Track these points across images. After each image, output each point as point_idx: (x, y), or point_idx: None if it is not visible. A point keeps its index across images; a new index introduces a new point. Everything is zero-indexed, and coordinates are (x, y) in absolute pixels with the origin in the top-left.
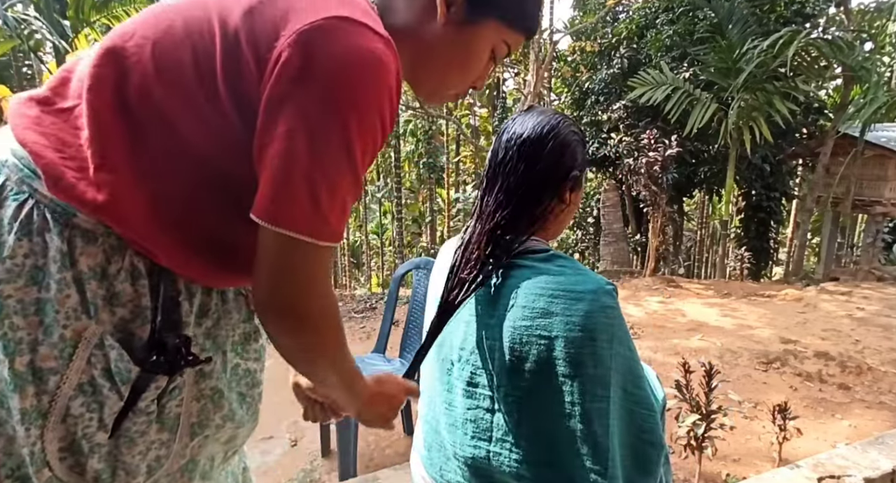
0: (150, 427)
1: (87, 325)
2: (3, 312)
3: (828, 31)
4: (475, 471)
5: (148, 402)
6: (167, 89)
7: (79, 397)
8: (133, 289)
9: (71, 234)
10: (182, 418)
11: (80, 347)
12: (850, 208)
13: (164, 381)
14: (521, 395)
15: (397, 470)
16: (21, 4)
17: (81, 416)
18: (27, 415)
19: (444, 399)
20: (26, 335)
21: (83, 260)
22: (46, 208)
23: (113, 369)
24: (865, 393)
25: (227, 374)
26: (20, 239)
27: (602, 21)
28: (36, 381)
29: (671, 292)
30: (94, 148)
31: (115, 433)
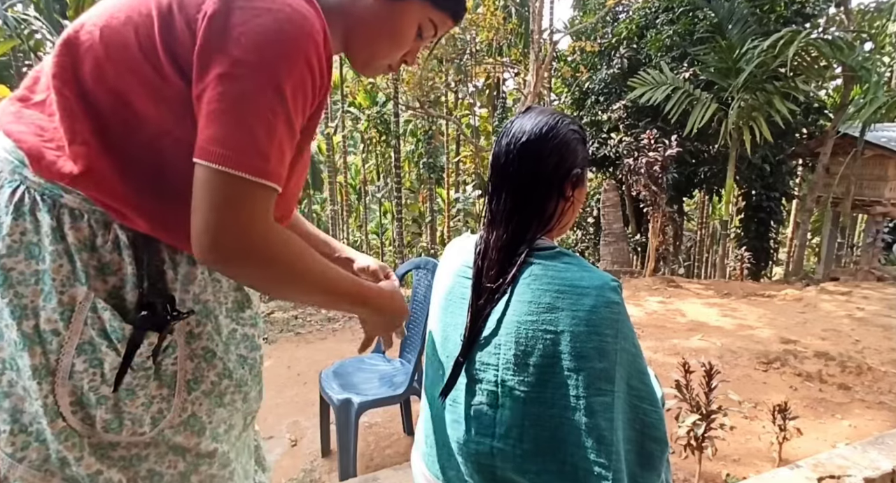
0: (149, 382)
1: (81, 290)
2: (8, 282)
3: (828, 31)
4: (478, 467)
5: (143, 359)
6: (117, 67)
7: (81, 355)
8: (119, 258)
9: (59, 212)
10: (178, 375)
11: (76, 311)
12: (850, 208)
13: (155, 337)
14: (526, 389)
15: (397, 470)
16: (21, 4)
17: (85, 372)
18: (37, 371)
19: (449, 395)
20: (30, 302)
21: (71, 234)
22: (36, 192)
23: (108, 329)
24: (865, 393)
25: (223, 338)
26: (16, 219)
27: (602, 21)
28: (41, 341)
29: (671, 292)
30: (65, 126)
31: (118, 387)
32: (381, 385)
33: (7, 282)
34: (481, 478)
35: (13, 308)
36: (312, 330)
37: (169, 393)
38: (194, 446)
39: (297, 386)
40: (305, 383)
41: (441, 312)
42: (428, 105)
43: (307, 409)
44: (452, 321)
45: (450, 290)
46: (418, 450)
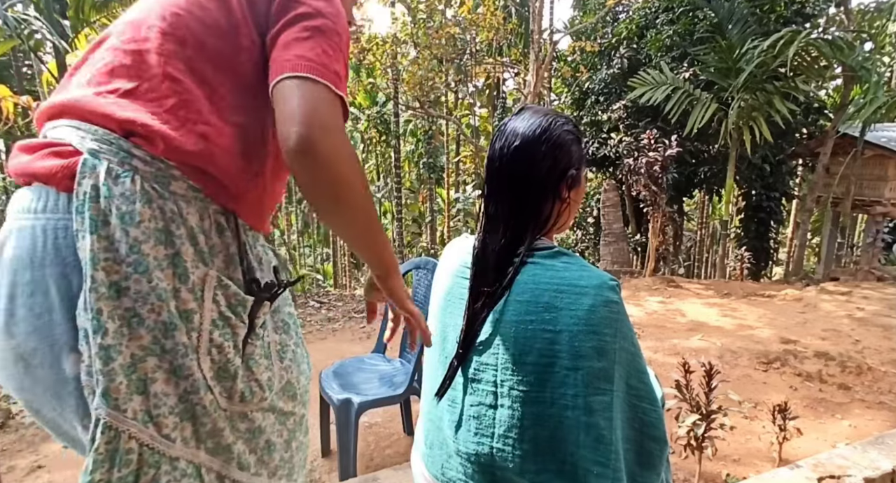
0: (256, 351)
1: (207, 270)
2: (148, 267)
3: (828, 31)
4: (478, 467)
5: (258, 328)
6: (217, 41)
7: (216, 330)
8: (221, 240)
9: (175, 198)
10: (271, 346)
11: (206, 289)
12: (850, 208)
13: (268, 307)
14: (525, 389)
15: (397, 470)
16: (21, 4)
17: (223, 345)
18: (187, 348)
19: (448, 396)
20: (167, 285)
21: (190, 218)
22: (149, 180)
23: (233, 303)
24: (865, 393)
25: (291, 310)
26: (144, 206)
27: (602, 21)
28: (184, 320)
29: (671, 292)
30: (185, 107)
31: (245, 357)
32: (381, 385)
33: (149, 267)
34: (481, 478)
35: (159, 292)
36: (312, 330)
37: (269, 362)
38: (291, 411)
39: None
40: None
41: (440, 313)
42: (428, 105)
43: None
44: (451, 321)
45: (449, 291)
46: (418, 450)
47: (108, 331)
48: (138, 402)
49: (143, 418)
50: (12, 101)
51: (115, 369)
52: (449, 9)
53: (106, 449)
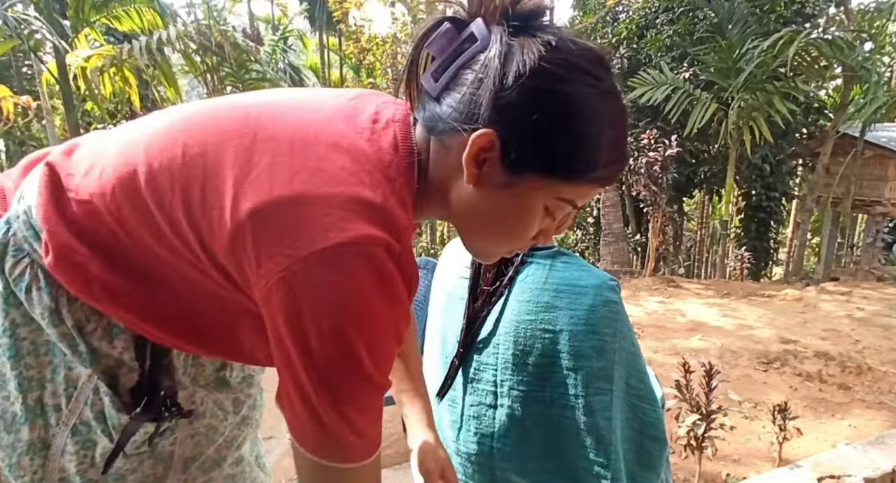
0: (141, 464)
1: (83, 372)
2: (20, 354)
3: (828, 31)
4: (478, 467)
5: (138, 445)
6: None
7: (74, 436)
8: (110, 345)
9: (57, 294)
10: (176, 455)
11: (78, 389)
12: (850, 208)
13: (151, 427)
14: (525, 389)
15: (397, 470)
16: (21, 4)
17: (77, 453)
18: (32, 446)
19: (448, 396)
20: (36, 373)
21: (69, 317)
22: (39, 268)
23: (107, 414)
24: (865, 393)
25: (222, 411)
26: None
27: (602, 21)
28: (43, 415)
29: (671, 292)
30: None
31: (107, 470)
32: None
33: (19, 352)
34: (481, 478)
35: (21, 380)
36: None
37: (164, 471)
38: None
39: None
40: None
41: (440, 313)
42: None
43: None
44: (451, 321)
45: (450, 291)
46: None
47: None
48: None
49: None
50: (12, 101)
51: None
52: (449, 8)
53: None
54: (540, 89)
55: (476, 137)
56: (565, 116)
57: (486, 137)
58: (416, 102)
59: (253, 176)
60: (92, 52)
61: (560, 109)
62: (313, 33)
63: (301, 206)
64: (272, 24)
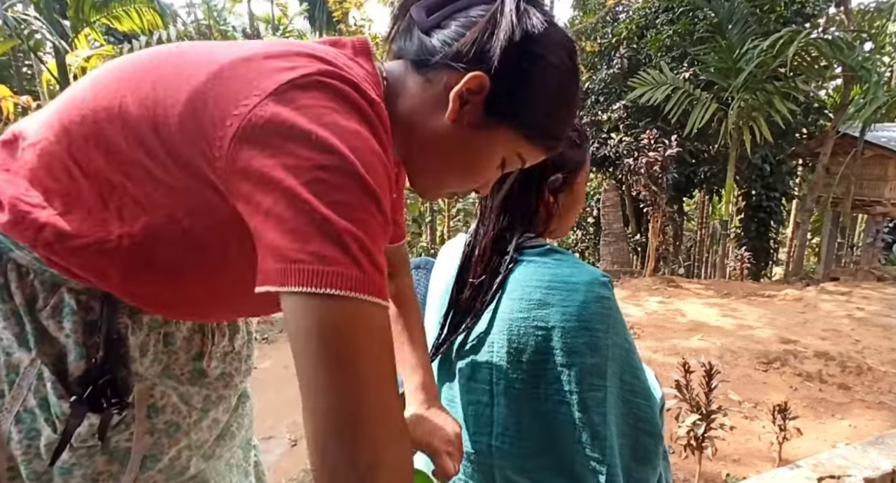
0: (92, 459)
1: (25, 356)
2: None
3: (828, 31)
4: (477, 466)
5: (84, 437)
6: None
7: (19, 424)
8: (58, 326)
9: (6, 267)
10: (133, 452)
11: (20, 375)
12: (850, 208)
13: (96, 418)
14: (520, 386)
15: None
16: (21, 4)
17: (20, 443)
18: None
19: (446, 395)
20: None
21: (18, 293)
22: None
23: (50, 401)
24: (865, 393)
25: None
26: None
27: (602, 21)
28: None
29: (671, 292)
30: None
31: (54, 463)
32: None
33: None
34: (481, 477)
35: None
36: None
37: (119, 469)
38: None
39: (297, 386)
40: None
41: (437, 312)
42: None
43: None
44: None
45: (445, 291)
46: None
47: None
48: None
49: None
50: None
51: None
52: None
53: None
54: (536, 54)
55: (471, 77)
56: (549, 83)
57: (479, 79)
58: (397, 32)
59: (204, 62)
60: (92, 52)
61: (547, 76)
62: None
63: (260, 61)
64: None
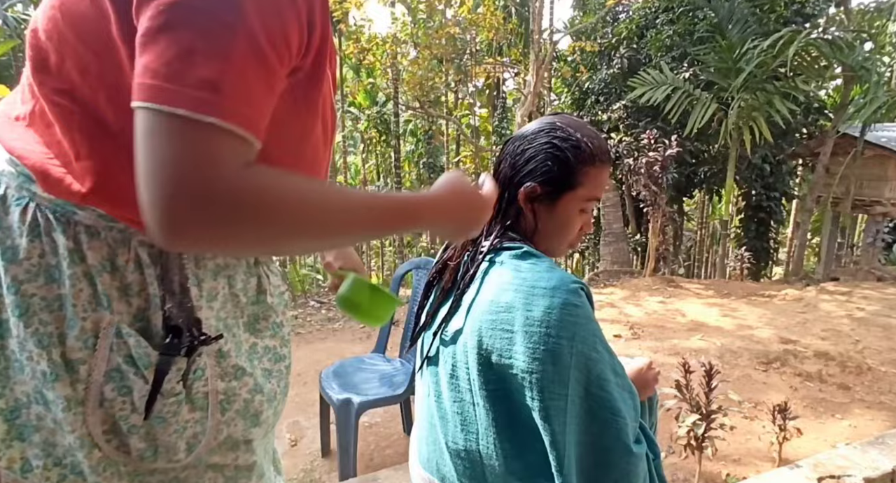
0: (181, 407)
1: (103, 316)
2: (31, 310)
3: (828, 31)
4: (469, 464)
5: (173, 385)
6: (96, 49)
7: (109, 383)
8: (141, 278)
9: (75, 231)
10: (210, 397)
11: (100, 337)
12: (850, 208)
13: (183, 362)
14: (493, 388)
15: (397, 470)
16: (21, 4)
17: (115, 401)
18: (69, 401)
19: (434, 392)
20: (54, 329)
21: (91, 255)
22: (48, 210)
23: (134, 355)
24: (865, 393)
25: (245, 353)
26: (32, 241)
27: (602, 21)
28: (69, 371)
29: (671, 292)
30: (67, 138)
31: (149, 415)
32: (381, 385)
33: (30, 309)
34: (472, 474)
35: (39, 337)
36: (312, 330)
37: (202, 415)
38: (232, 462)
39: (297, 386)
40: (305, 383)
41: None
42: (428, 105)
43: (307, 409)
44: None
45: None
46: (414, 451)
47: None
48: (17, 450)
49: (20, 469)
50: None
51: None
52: (449, 9)
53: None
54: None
55: None
56: None
57: None
58: None
59: None
60: None
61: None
62: None
63: None
64: None
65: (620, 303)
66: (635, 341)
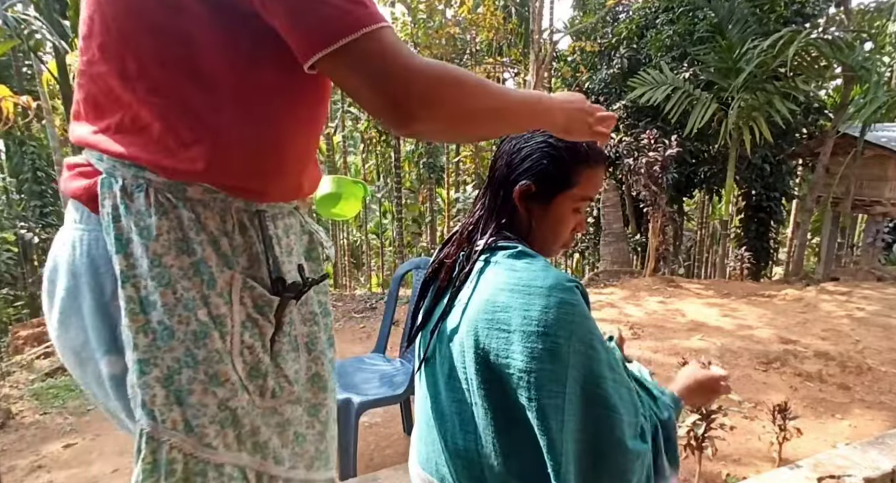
0: (288, 345)
1: (232, 273)
2: (173, 279)
3: (828, 31)
4: (467, 463)
5: (286, 326)
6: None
7: (245, 331)
8: (244, 239)
9: (192, 205)
10: (299, 339)
11: (233, 292)
12: (850, 208)
13: (294, 305)
14: (490, 387)
15: (397, 470)
16: (21, 4)
17: (253, 346)
18: (220, 353)
19: (432, 392)
20: (196, 293)
21: (209, 223)
22: (165, 191)
23: (260, 303)
24: (865, 393)
25: (315, 303)
26: (160, 219)
27: (602, 21)
28: (218, 325)
29: (671, 292)
30: (171, 134)
31: (273, 354)
32: (381, 385)
33: (171, 279)
34: (470, 473)
35: (185, 302)
36: None
37: (297, 355)
38: (321, 403)
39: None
40: None
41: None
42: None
43: None
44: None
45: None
46: (414, 450)
47: (139, 346)
48: (178, 412)
49: (184, 428)
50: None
51: (150, 382)
52: (449, 9)
53: (152, 459)
54: None
55: None
56: None
57: None
58: None
59: None
60: None
61: None
62: None
63: None
64: None
65: (620, 303)
66: (635, 341)
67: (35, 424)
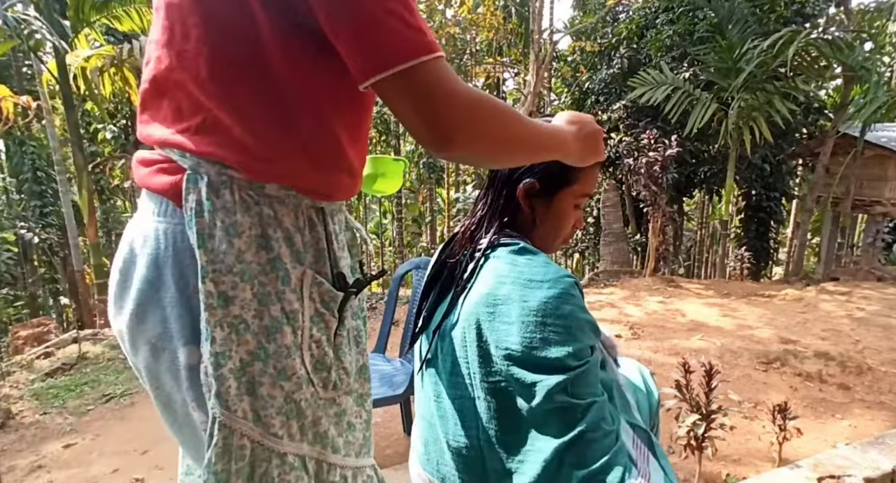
0: (347, 339)
1: (304, 269)
2: (251, 274)
3: (828, 31)
4: (469, 459)
5: (348, 319)
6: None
7: (314, 326)
8: (312, 236)
9: (270, 202)
10: (350, 333)
11: (304, 288)
12: (850, 208)
13: (354, 300)
14: (493, 380)
15: (397, 470)
16: (21, 4)
17: (320, 340)
18: (291, 347)
19: (434, 391)
20: (272, 289)
21: (285, 219)
22: (245, 188)
23: (326, 298)
24: (865, 393)
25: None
26: (243, 215)
27: (602, 21)
28: (290, 320)
29: (671, 292)
30: (252, 135)
31: (335, 348)
32: (381, 385)
33: (250, 274)
34: (471, 470)
35: (261, 297)
36: None
37: (349, 348)
38: (367, 393)
39: None
40: None
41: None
42: None
43: None
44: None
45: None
46: (415, 450)
47: (217, 339)
48: (248, 403)
49: (253, 418)
50: (12, 101)
51: (225, 374)
52: (449, 9)
53: (223, 444)
54: None
55: None
56: None
57: None
58: None
59: None
60: (92, 52)
61: None
62: None
63: None
64: None
65: (620, 303)
66: (635, 341)
67: (35, 424)
